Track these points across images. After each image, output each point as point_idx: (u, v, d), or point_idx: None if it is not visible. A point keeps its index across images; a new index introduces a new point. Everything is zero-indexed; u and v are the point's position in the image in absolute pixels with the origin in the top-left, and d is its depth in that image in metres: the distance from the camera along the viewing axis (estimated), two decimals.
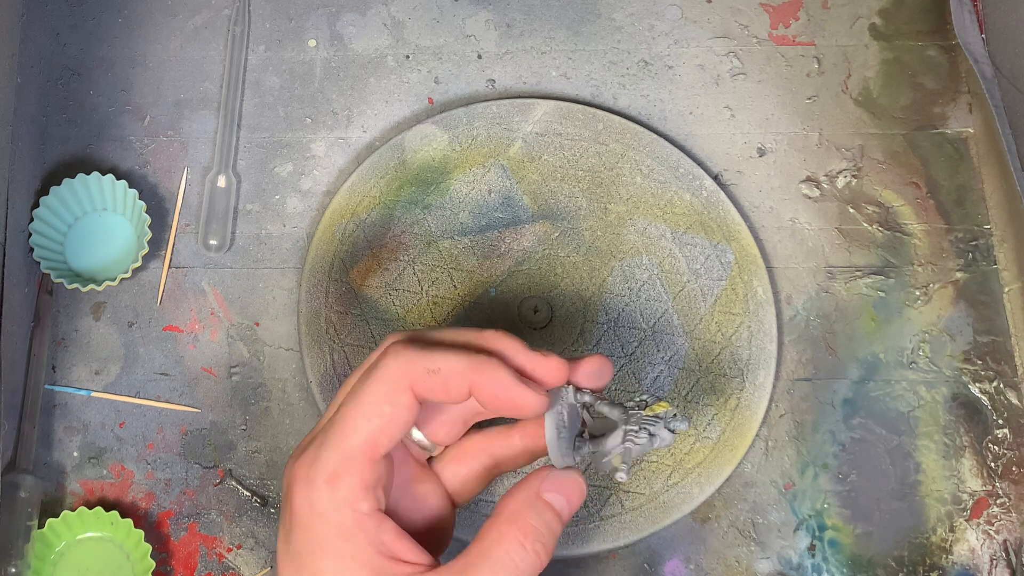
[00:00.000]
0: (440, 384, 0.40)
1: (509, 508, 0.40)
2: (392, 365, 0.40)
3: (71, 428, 0.57)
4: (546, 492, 0.41)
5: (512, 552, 0.39)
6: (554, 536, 0.40)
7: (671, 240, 0.59)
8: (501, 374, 0.40)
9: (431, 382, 0.40)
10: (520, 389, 0.40)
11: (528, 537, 0.40)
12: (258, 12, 0.64)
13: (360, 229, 0.59)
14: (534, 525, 0.40)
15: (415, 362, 0.40)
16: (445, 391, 0.40)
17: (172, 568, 0.55)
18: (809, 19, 0.65)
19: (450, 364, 0.40)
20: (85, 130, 0.61)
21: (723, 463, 0.56)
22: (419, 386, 0.40)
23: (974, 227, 0.61)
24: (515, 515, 0.40)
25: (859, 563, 0.56)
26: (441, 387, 0.40)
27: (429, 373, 0.40)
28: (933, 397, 0.58)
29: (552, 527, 0.40)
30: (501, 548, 0.39)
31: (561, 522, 0.41)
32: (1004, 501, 0.57)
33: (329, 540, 0.39)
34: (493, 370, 0.40)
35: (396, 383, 0.40)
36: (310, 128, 0.62)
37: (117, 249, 0.59)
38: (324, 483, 0.39)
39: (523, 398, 0.41)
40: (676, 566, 0.56)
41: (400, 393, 0.40)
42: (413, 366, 0.40)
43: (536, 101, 0.61)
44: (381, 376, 0.40)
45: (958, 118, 0.63)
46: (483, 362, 0.40)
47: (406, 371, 0.40)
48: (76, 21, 0.63)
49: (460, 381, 0.40)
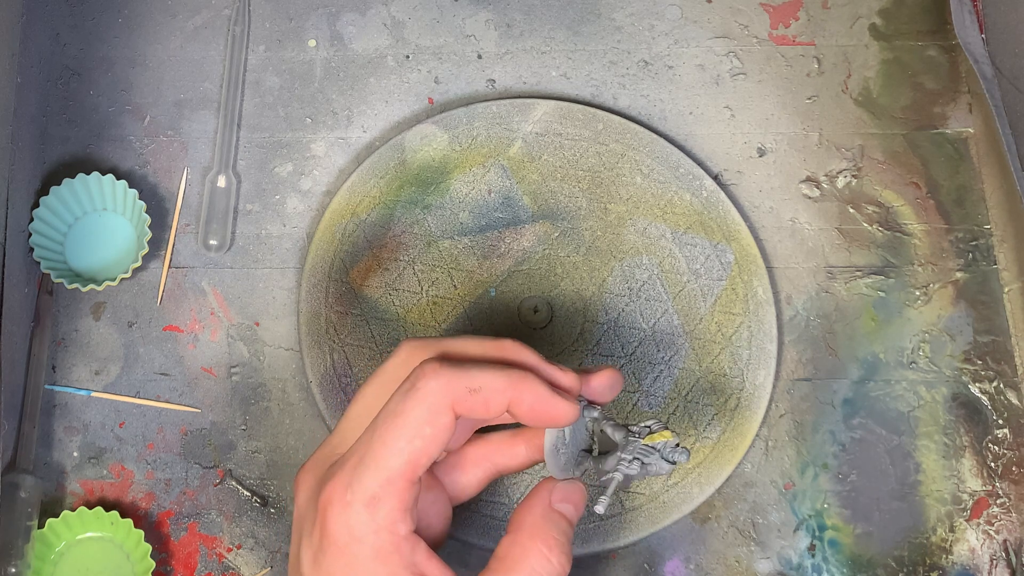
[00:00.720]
0: (481, 403, 0.40)
1: (528, 522, 0.42)
2: (433, 385, 0.40)
3: (71, 428, 0.57)
4: (556, 502, 0.42)
5: (539, 566, 0.41)
6: (570, 543, 0.42)
7: (671, 240, 0.59)
8: (540, 389, 0.41)
9: (472, 401, 0.40)
10: (557, 401, 0.41)
11: (553, 550, 0.41)
12: (258, 12, 0.64)
13: (360, 229, 0.59)
14: (555, 537, 0.41)
15: (456, 382, 0.40)
16: (485, 409, 0.41)
17: (172, 568, 0.55)
18: (809, 19, 0.65)
19: (490, 383, 0.40)
20: (85, 130, 0.61)
21: (723, 463, 0.56)
22: (460, 406, 0.40)
23: (974, 227, 0.61)
24: (535, 529, 0.41)
25: (859, 563, 0.56)
26: (482, 405, 0.40)
27: (471, 392, 0.40)
28: (933, 397, 0.58)
29: (568, 535, 0.42)
30: (527, 563, 0.41)
31: (572, 529, 0.42)
32: (1004, 501, 0.57)
33: (366, 563, 0.39)
34: (531, 385, 0.41)
35: (438, 404, 0.40)
36: (310, 128, 0.62)
37: (117, 249, 0.59)
38: (363, 507, 0.39)
39: (559, 409, 0.41)
40: (676, 566, 0.56)
41: (442, 414, 0.40)
42: (454, 386, 0.40)
43: (536, 101, 0.61)
44: (422, 397, 0.40)
45: (958, 118, 0.63)
46: (521, 378, 0.41)
47: (448, 391, 0.40)
48: (76, 21, 0.63)
49: (500, 398, 0.41)
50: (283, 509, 0.56)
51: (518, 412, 0.41)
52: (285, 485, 0.56)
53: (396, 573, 0.39)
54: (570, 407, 0.42)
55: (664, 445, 0.43)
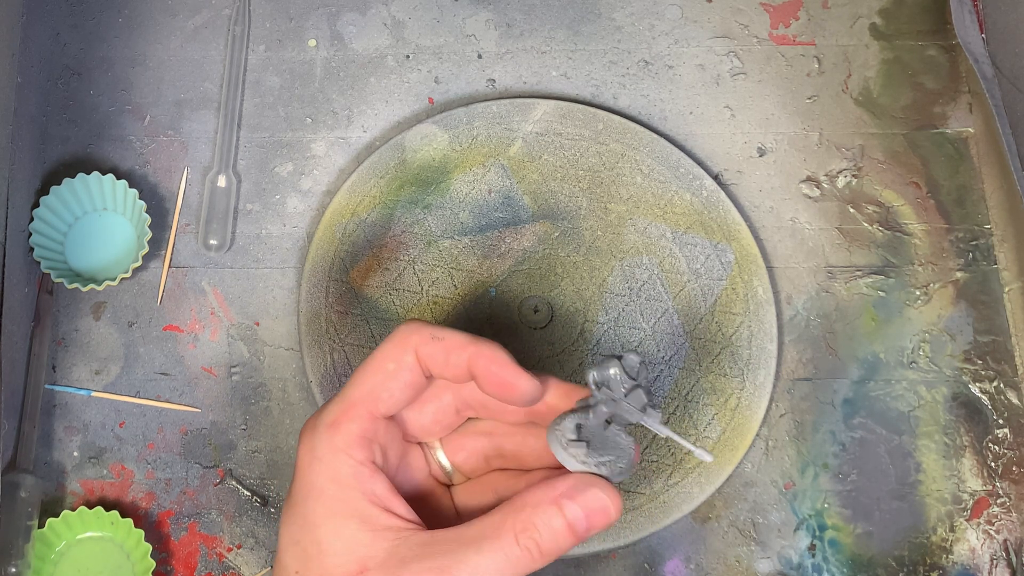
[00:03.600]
0: (442, 351, 0.42)
1: (521, 500, 0.40)
2: (400, 330, 0.43)
3: (71, 428, 0.57)
4: (565, 499, 0.40)
5: (505, 544, 0.39)
6: (556, 543, 0.39)
7: (671, 240, 0.59)
8: (500, 353, 0.42)
9: (434, 347, 0.42)
10: (517, 370, 0.42)
11: (524, 533, 0.39)
12: (258, 12, 0.64)
13: (360, 229, 0.59)
14: (536, 524, 0.39)
15: (421, 329, 0.43)
16: (444, 360, 0.42)
17: (172, 568, 0.55)
18: (809, 19, 0.65)
19: (453, 336, 0.42)
20: (85, 130, 0.61)
21: (723, 463, 0.56)
22: (422, 348, 0.42)
23: (974, 227, 0.61)
24: (521, 508, 0.40)
25: (859, 563, 0.56)
26: (442, 354, 0.42)
27: (433, 338, 0.42)
28: (933, 397, 0.58)
29: (557, 534, 0.39)
30: (495, 536, 0.39)
31: (573, 534, 0.40)
32: (1004, 501, 0.57)
33: (323, 484, 0.41)
34: (492, 349, 0.42)
35: (401, 344, 0.42)
36: (310, 128, 0.62)
37: (117, 249, 0.59)
38: (324, 429, 0.42)
39: (518, 378, 0.42)
40: (676, 566, 0.56)
41: (404, 352, 0.42)
42: (419, 332, 0.42)
43: (536, 101, 0.61)
44: (389, 339, 0.43)
45: (958, 118, 0.63)
46: (483, 341, 0.42)
47: (413, 334, 0.42)
48: (76, 21, 0.63)
49: (461, 352, 0.42)
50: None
51: (477, 372, 0.42)
52: (285, 485, 0.56)
53: (352, 495, 0.40)
54: (529, 380, 0.42)
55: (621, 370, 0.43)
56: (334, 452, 0.41)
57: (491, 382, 0.42)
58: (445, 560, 0.39)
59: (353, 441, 0.41)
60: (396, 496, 0.41)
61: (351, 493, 0.41)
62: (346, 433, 0.41)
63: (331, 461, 0.41)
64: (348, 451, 0.41)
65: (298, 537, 0.41)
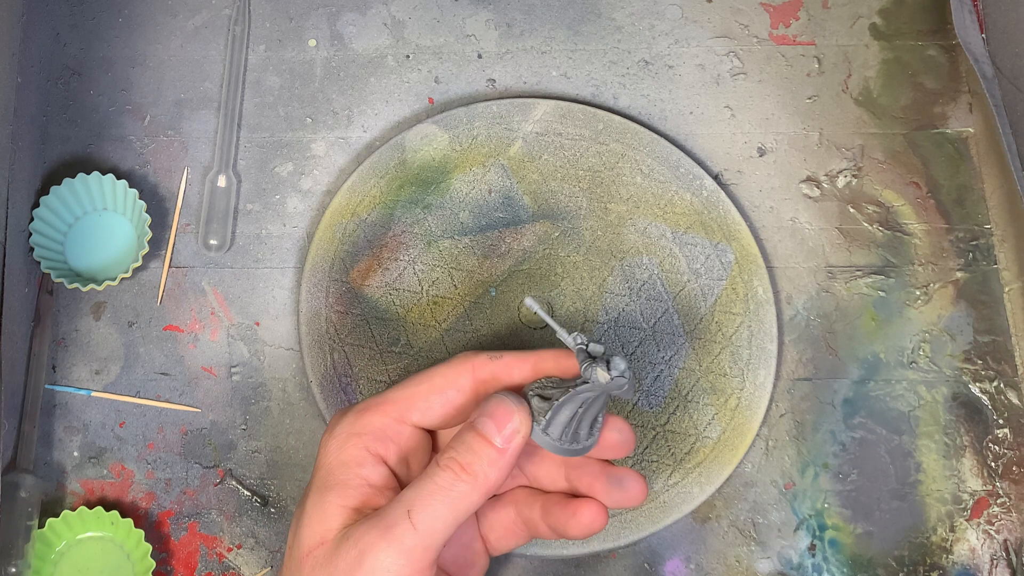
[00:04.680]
0: (502, 366, 0.44)
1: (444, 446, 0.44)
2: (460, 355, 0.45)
3: (71, 428, 0.57)
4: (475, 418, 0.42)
5: (428, 471, 0.41)
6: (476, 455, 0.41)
7: (671, 240, 0.59)
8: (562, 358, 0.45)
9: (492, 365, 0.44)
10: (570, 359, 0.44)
11: (443, 456, 0.42)
12: (258, 12, 0.64)
13: (360, 229, 0.59)
14: (452, 446, 0.42)
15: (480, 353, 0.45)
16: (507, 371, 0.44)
17: (172, 568, 0.55)
18: (809, 19, 0.65)
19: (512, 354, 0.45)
20: (85, 130, 0.61)
21: (723, 463, 0.56)
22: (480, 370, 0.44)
23: (974, 227, 0.61)
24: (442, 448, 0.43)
25: (859, 563, 0.56)
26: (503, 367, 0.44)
27: (491, 359, 0.44)
28: (933, 397, 0.58)
29: (474, 447, 0.41)
30: (425, 475, 0.41)
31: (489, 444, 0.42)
32: (1004, 501, 0.57)
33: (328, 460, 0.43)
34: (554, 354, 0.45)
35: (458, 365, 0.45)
36: (310, 128, 0.62)
37: (117, 249, 0.59)
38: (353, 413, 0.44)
39: None
40: (676, 566, 0.56)
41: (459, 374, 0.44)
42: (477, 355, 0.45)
43: (536, 101, 0.61)
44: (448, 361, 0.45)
45: (958, 118, 0.63)
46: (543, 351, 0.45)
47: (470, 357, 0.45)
48: (76, 21, 0.63)
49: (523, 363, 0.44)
50: (283, 509, 0.56)
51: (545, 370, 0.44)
52: (285, 485, 0.56)
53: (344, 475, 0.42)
54: None
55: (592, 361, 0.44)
56: (348, 435, 0.43)
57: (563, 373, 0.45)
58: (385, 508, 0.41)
59: (371, 431, 0.43)
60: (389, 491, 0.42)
61: (346, 472, 0.42)
62: (368, 423, 0.43)
63: (343, 442, 0.43)
64: (361, 438, 0.43)
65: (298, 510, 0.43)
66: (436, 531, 0.40)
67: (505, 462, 0.41)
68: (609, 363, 0.41)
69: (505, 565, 0.55)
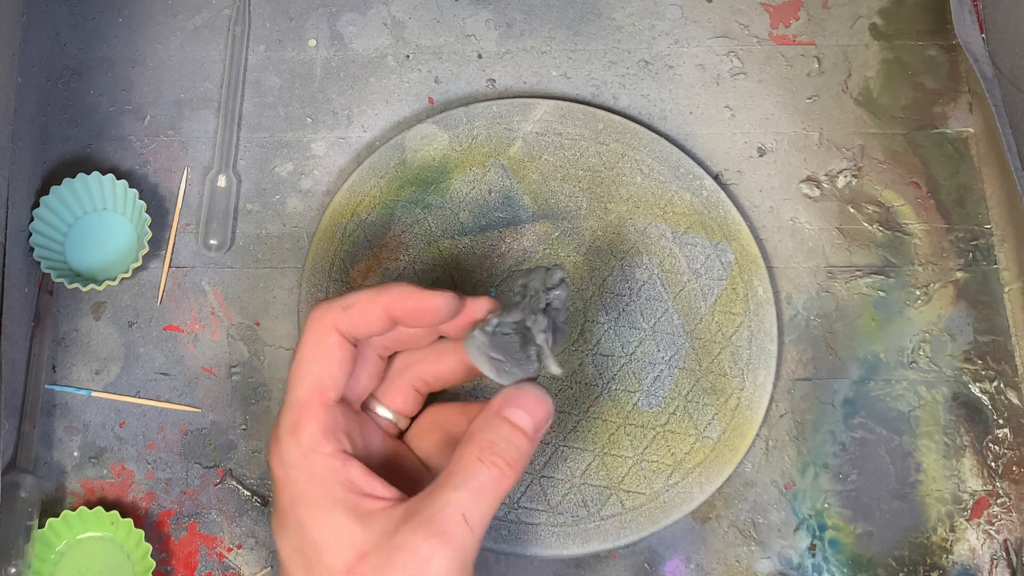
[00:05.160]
0: (358, 315, 0.43)
1: (470, 431, 0.43)
2: (313, 315, 0.44)
3: (71, 428, 0.57)
4: (505, 409, 0.43)
5: (471, 468, 0.41)
6: (517, 449, 0.42)
7: (671, 240, 0.59)
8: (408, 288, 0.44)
9: (349, 317, 0.43)
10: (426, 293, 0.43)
11: (485, 452, 0.41)
12: (258, 12, 0.64)
13: (360, 229, 0.59)
14: (490, 440, 0.42)
15: (331, 304, 0.44)
16: (364, 321, 0.44)
17: (172, 568, 0.55)
18: (809, 19, 0.65)
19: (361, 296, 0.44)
20: (85, 130, 0.61)
21: (723, 463, 0.56)
22: (341, 323, 0.43)
23: (974, 227, 0.61)
24: (472, 435, 0.42)
25: (859, 563, 0.56)
26: (360, 317, 0.43)
27: (344, 309, 0.43)
28: (933, 397, 0.58)
29: (513, 440, 0.42)
30: (463, 469, 0.41)
31: (526, 436, 0.42)
32: (1004, 501, 0.57)
33: (303, 488, 0.42)
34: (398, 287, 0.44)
35: (320, 328, 0.44)
36: (310, 128, 0.62)
37: (117, 249, 0.59)
38: (288, 437, 0.43)
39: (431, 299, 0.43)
40: (676, 566, 0.56)
41: (325, 335, 0.44)
42: (330, 308, 0.44)
43: (536, 101, 0.61)
44: (307, 329, 0.44)
45: (958, 118, 0.63)
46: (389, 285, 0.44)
47: (325, 315, 0.44)
48: (76, 21, 0.63)
49: (373, 307, 0.43)
50: None
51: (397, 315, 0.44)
52: None
53: (332, 490, 0.41)
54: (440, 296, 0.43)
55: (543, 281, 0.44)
56: (303, 455, 0.42)
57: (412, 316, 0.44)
58: (430, 512, 0.40)
59: (318, 438, 0.42)
60: (373, 477, 0.42)
61: (331, 488, 0.42)
62: (308, 434, 0.42)
63: (303, 465, 0.42)
64: (316, 449, 0.42)
65: (295, 544, 0.42)
66: (486, 525, 0.41)
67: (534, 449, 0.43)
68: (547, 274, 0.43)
69: (504, 565, 0.55)
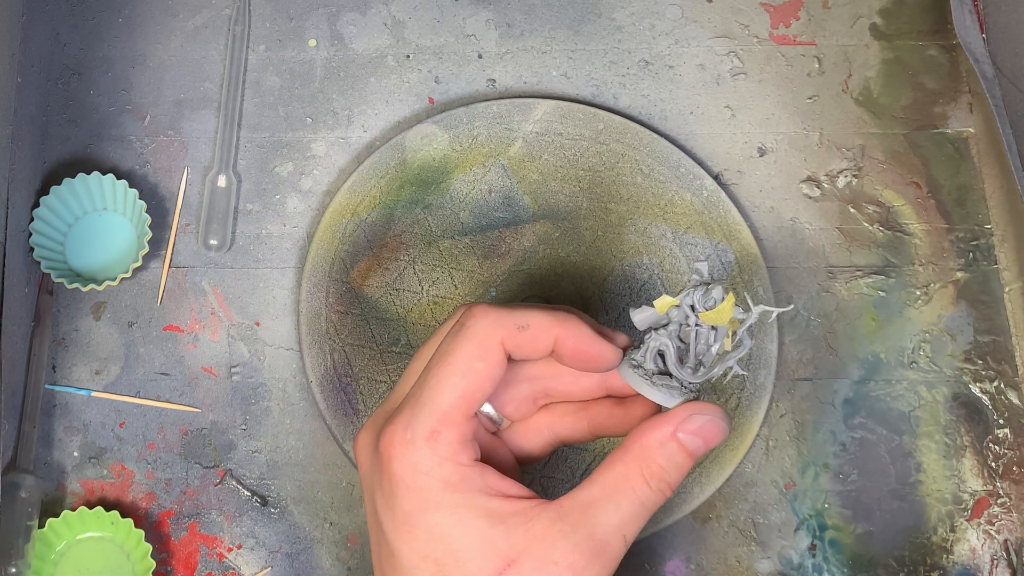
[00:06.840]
0: (529, 340, 0.42)
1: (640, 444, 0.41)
2: (483, 323, 0.41)
3: (71, 428, 0.57)
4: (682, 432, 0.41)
5: (640, 493, 0.40)
6: (682, 474, 0.41)
7: (672, 240, 0.59)
8: (583, 328, 0.42)
9: (521, 338, 0.42)
10: (599, 341, 0.42)
11: (655, 477, 0.40)
12: (258, 12, 0.64)
13: (360, 229, 0.59)
14: (662, 465, 0.40)
15: (504, 319, 0.41)
16: (532, 347, 0.42)
17: (172, 568, 0.55)
18: (810, 19, 0.65)
19: (537, 320, 0.42)
20: (85, 130, 0.61)
21: (723, 463, 0.56)
22: (509, 342, 0.41)
23: (975, 227, 0.61)
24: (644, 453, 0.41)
25: (860, 563, 0.56)
26: (530, 343, 0.42)
27: (519, 329, 0.41)
28: (934, 397, 0.58)
29: (681, 466, 0.41)
30: (627, 485, 0.40)
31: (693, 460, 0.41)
32: (1005, 501, 0.57)
33: (439, 495, 0.40)
34: (576, 324, 0.42)
35: (488, 340, 0.41)
36: (310, 128, 0.62)
37: (117, 249, 0.59)
38: (424, 442, 0.40)
39: (602, 349, 0.42)
40: (677, 566, 0.56)
41: (492, 350, 0.41)
42: (503, 323, 0.41)
43: (536, 101, 0.61)
44: (472, 335, 0.41)
45: (959, 118, 0.63)
46: (566, 317, 0.42)
47: (496, 328, 0.41)
48: (76, 21, 0.63)
49: (547, 336, 0.42)
50: (283, 509, 0.56)
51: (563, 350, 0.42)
52: (285, 485, 0.56)
53: (471, 497, 0.40)
54: (612, 349, 0.42)
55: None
56: (441, 463, 0.40)
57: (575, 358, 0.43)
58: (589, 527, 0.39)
59: (456, 448, 0.40)
60: (506, 479, 0.41)
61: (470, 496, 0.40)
62: (447, 442, 0.40)
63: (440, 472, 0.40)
64: (454, 459, 0.40)
65: (426, 552, 0.40)
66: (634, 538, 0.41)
67: None
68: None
69: None
